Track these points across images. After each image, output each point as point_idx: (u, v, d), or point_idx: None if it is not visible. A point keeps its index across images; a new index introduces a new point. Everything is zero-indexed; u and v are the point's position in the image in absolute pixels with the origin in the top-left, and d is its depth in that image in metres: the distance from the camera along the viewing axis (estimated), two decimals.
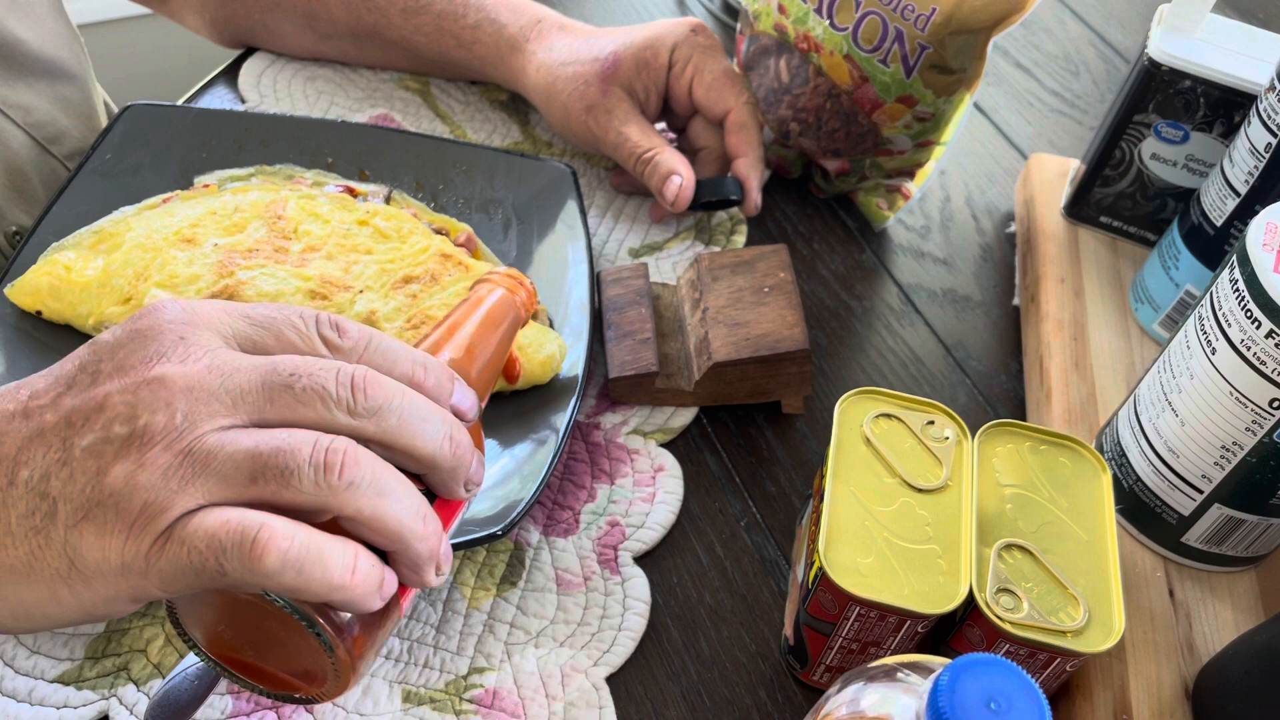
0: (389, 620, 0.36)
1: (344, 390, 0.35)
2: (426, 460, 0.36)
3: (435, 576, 0.36)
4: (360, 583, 0.33)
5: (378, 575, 0.34)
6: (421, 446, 0.36)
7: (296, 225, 0.58)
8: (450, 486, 0.38)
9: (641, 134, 0.65)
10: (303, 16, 0.72)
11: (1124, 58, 0.91)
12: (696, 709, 0.50)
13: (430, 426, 0.36)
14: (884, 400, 0.51)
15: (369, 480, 0.34)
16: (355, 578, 0.33)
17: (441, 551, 0.36)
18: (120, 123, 0.63)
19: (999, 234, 0.75)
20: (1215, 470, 0.49)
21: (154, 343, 0.34)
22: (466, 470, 0.38)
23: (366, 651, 0.35)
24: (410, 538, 0.35)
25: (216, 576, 0.32)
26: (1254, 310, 0.45)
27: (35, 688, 0.46)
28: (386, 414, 0.35)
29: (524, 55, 0.69)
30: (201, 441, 0.33)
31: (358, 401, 0.35)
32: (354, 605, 0.34)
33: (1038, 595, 0.45)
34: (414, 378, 0.37)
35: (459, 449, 0.37)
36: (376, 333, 0.38)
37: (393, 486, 0.35)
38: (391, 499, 0.35)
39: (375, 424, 0.35)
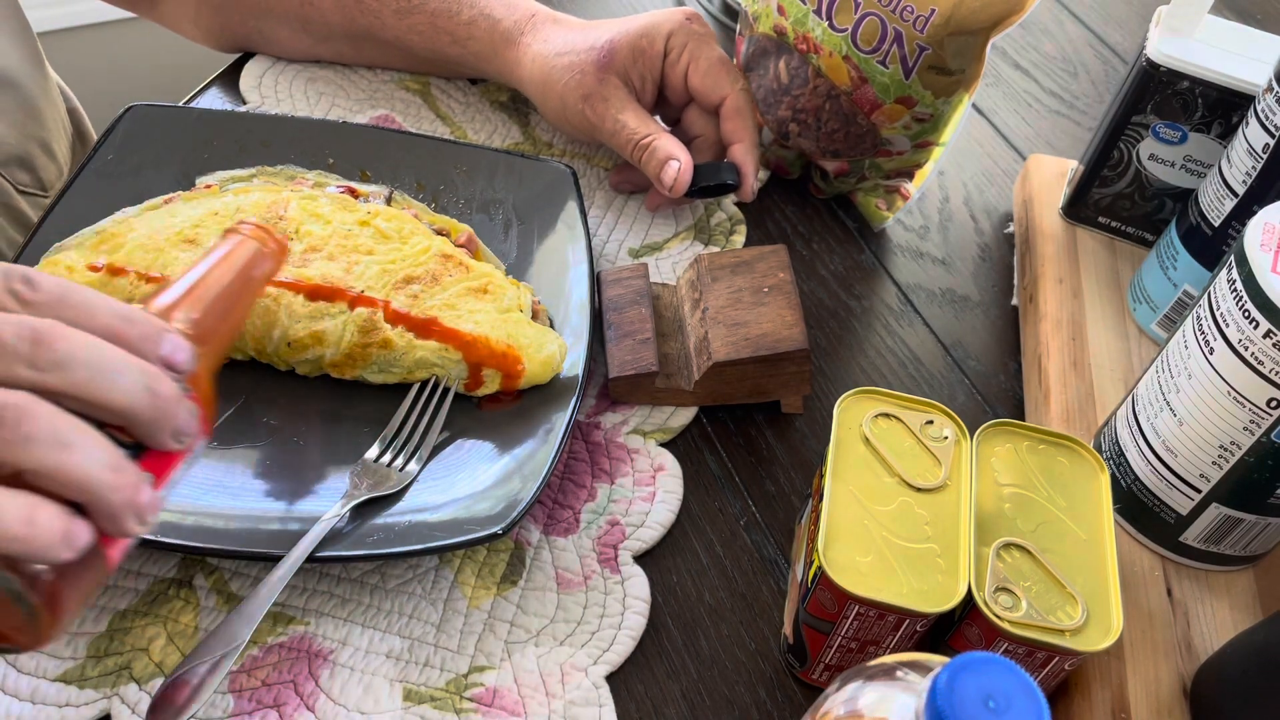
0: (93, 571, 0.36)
1: (23, 343, 0.34)
2: (122, 412, 0.36)
3: (138, 526, 0.36)
4: (40, 534, 0.33)
5: (60, 526, 0.34)
6: (116, 399, 0.36)
7: (298, 226, 0.58)
8: (156, 437, 0.37)
9: (639, 121, 0.66)
10: (297, 20, 0.72)
11: (1122, 59, 0.91)
12: (696, 707, 0.50)
13: (125, 379, 0.36)
14: (883, 400, 0.51)
15: (47, 434, 0.34)
16: (33, 529, 0.33)
17: (144, 501, 0.36)
18: (122, 124, 0.63)
19: (997, 234, 0.75)
20: (1213, 470, 0.49)
21: None
22: (172, 421, 0.37)
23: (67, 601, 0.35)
24: (99, 488, 0.35)
25: None
26: (1252, 310, 0.45)
27: (38, 687, 0.46)
28: (73, 366, 0.35)
29: (519, 48, 0.69)
30: None
31: (39, 354, 0.35)
32: (36, 556, 0.34)
33: (1036, 594, 0.45)
34: (113, 329, 0.37)
35: (159, 399, 0.37)
36: (74, 285, 0.37)
37: (75, 439, 0.34)
38: (74, 451, 0.34)
39: (60, 377, 0.35)
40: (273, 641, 0.49)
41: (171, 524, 0.49)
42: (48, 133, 0.73)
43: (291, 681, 0.48)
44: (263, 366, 0.57)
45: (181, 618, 0.49)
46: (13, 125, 0.68)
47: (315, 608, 0.50)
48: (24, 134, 0.69)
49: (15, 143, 0.68)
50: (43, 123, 0.72)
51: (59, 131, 0.75)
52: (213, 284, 0.43)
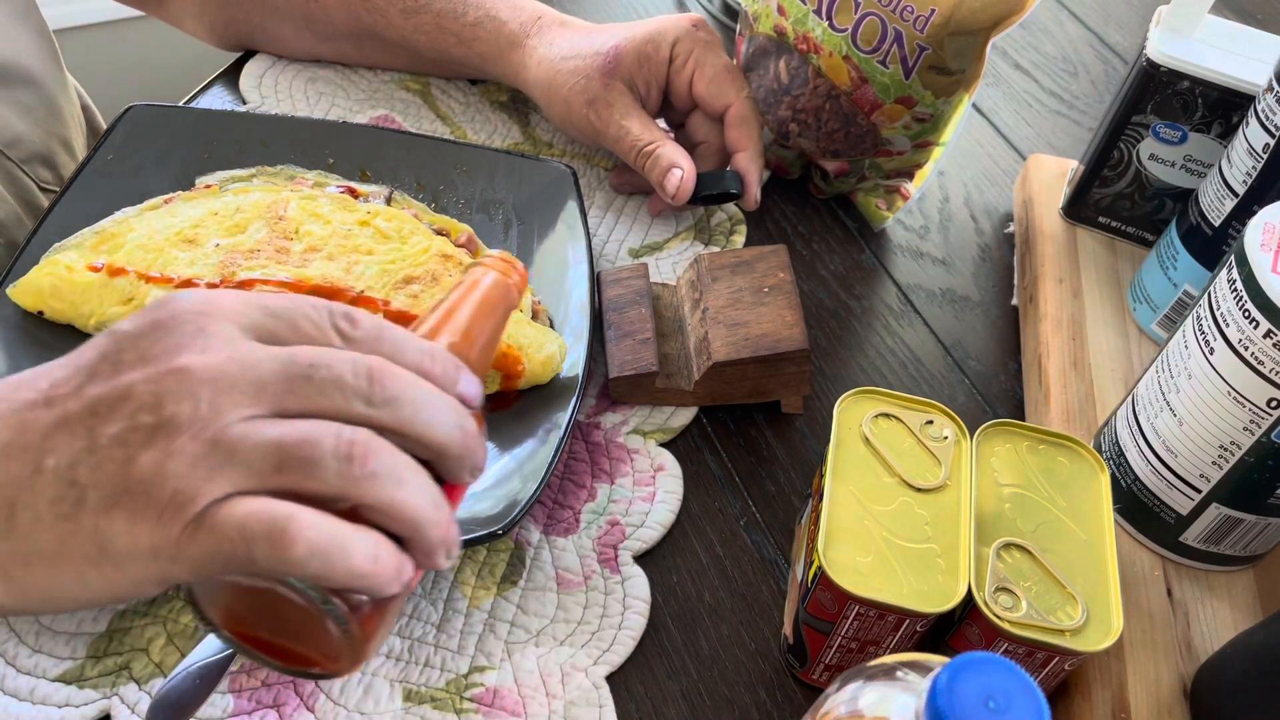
0: (399, 600, 0.37)
1: (361, 381, 0.36)
2: (438, 448, 0.37)
3: (446, 561, 0.37)
4: (381, 571, 0.34)
5: (397, 563, 0.35)
6: (434, 435, 0.37)
7: (298, 226, 0.58)
8: (458, 473, 0.38)
9: (643, 127, 0.66)
10: (301, 19, 0.72)
11: (1122, 59, 0.91)
12: (696, 707, 0.50)
13: (442, 415, 0.37)
14: (883, 400, 0.51)
15: (387, 470, 0.35)
16: (377, 566, 0.34)
17: (453, 537, 0.37)
18: (122, 124, 0.63)
19: (997, 234, 0.75)
20: (1213, 470, 0.49)
21: (174, 333, 0.35)
22: (474, 457, 0.39)
23: (379, 630, 0.37)
24: (425, 525, 0.36)
25: (246, 564, 0.33)
26: (1252, 310, 0.45)
27: (37, 686, 0.46)
28: (401, 404, 0.36)
29: (524, 51, 0.69)
30: (227, 431, 0.33)
31: (374, 392, 0.36)
32: (374, 591, 0.35)
33: (1036, 594, 0.45)
34: (422, 366, 0.38)
35: (468, 436, 0.38)
36: (386, 323, 0.39)
37: (409, 475, 0.36)
38: (408, 488, 0.35)
39: (390, 414, 0.36)
40: None
41: None
42: (67, 130, 0.73)
43: (291, 682, 0.48)
44: None
45: (181, 618, 0.49)
46: (36, 123, 0.68)
47: None
48: (47, 132, 0.69)
49: (39, 140, 0.68)
50: (63, 120, 0.72)
51: (76, 129, 0.75)
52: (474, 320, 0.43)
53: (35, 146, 0.67)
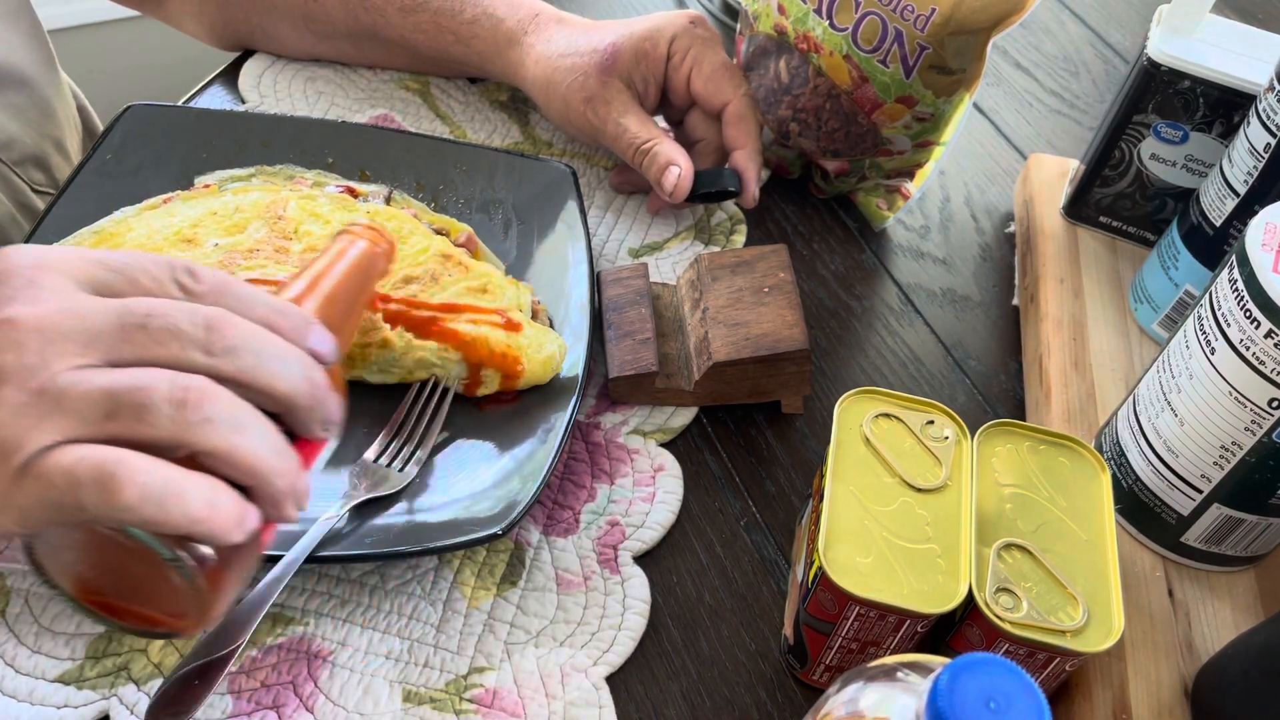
0: (250, 555, 0.37)
1: (198, 330, 0.36)
2: (284, 399, 0.37)
3: (294, 511, 0.37)
4: (220, 516, 0.34)
5: (238, 510, 0.35)
6: (279, 385, 0.37)
7: (297, 225, 0.58)
8: (308, 425, 0.38)
9: (640, 125, 0.66)
10: (300, 18, 0.72)
11: (1123, 58, 0.91)
12: (696, 708, 0.50)
13: (287, 366, 0.37)
14: (883, 400, 0.51)
15: (225, 416, 0.35)
16: (215, 511, 0.34)
17: (302, 488, 0.37)
18: (121, 123, 0.63)
19: (998, 234, 0.75)
20: (1214, 470, 0.49)
21: (4, 286, 0.35)
22: (324, 409, 0.39)
23: (227, 584, 0.36)
24: (268, 473, 0.36)
25: (75, 512, 0.33)
26: (1253, 310, 0.45)
27: (36, 687, 0.46)
28: (242, 353, 0.36)
29: (522, 48, 0.69)
30: (54, 380, 0.33)
31: (213, 340, 0.36)
32: (215, 538, 0.35)
33: (1037, 595, 0.45)
34: (269, 320, 0.38)
35: (316, 388, 0.38)
36: (231, 278, 0.39)
37: (249, 423, 0.36)
38: (248, 434, 0.35)
39: (231, 362, 0.36)
40: (272, 642, 0.49)
41: None
42: (61, 131, 0.73)
43: (291, 682, 0.48)
44: None
45: None
46: (28, 125, 0.68)
47: (314, 608, 0.50)
48: (40, 133, 0.69)
49: (31, 142, 0.68)
50: (56, 121, 0.72)
51: (71, 130, 0.75)
52: (335, 282, 0.44)
53: (28, 148, 0.67)
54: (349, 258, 0.46)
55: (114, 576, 0.37)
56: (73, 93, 0.79)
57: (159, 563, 0.35)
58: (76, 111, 0.78)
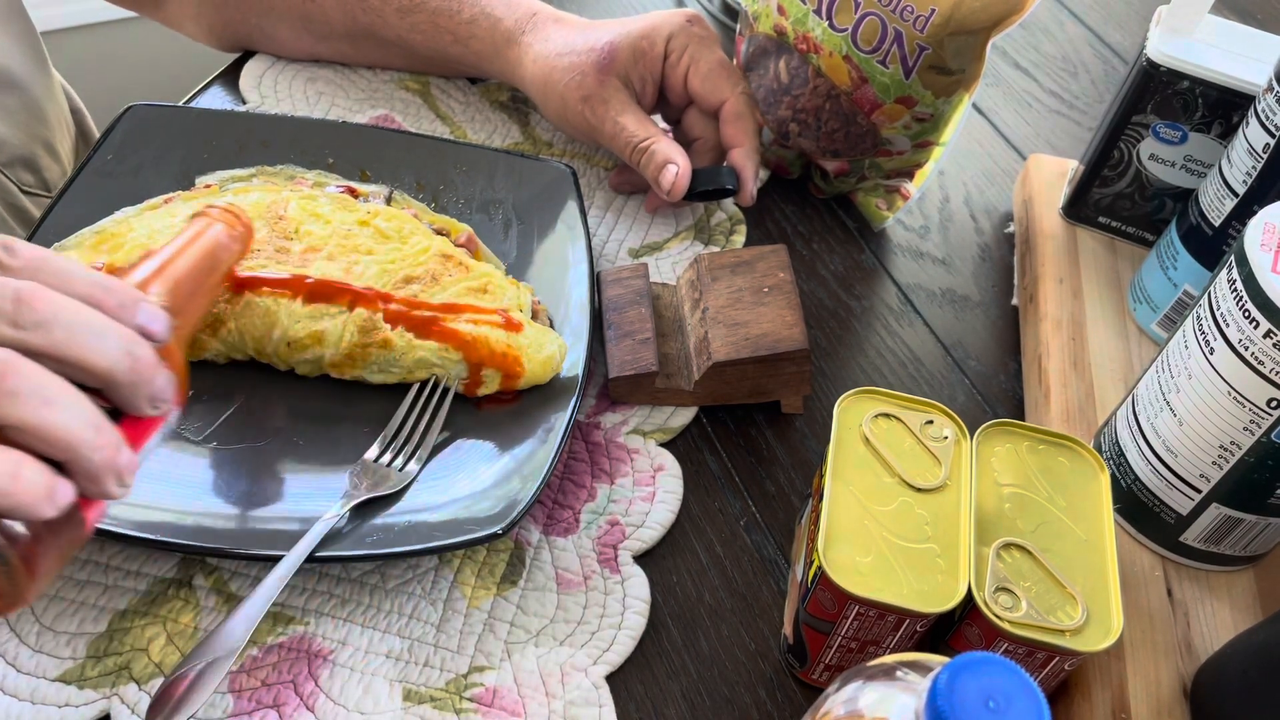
0: (72, 533, 0.37)
1: (5, 302, 0.35)
2: (102, 374, 0.37)
3: (117, 488, 0.37)
4: (24, 490, 0.34)
5: (45, 483, 0.34)
6: (94, 360, 0.36)
7: (298, 226, 0.58)
8: (133, 402, 0.38)
9: (638, 124, 0.66)
10: (298, 19, 0.72)
11: (1122, 58, 0.91)
12: (696, 707, 0.50)
13: (103, 340, 0.37)
14: (883, 400, 0.51)
15: (32, 389, 0.34)
16: (17, 484, 0.34)
17: (123, 463, 0.37)
18: (121, 123, 0.63)
19: (997, 234, 0.75)
20: (1213, 470, 0.49)
21: None
22: (149, 386, 0.38)
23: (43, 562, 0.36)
24: (81, 446, 0.35)
25: None
26: (1252, 310, 0.45)
27: (37, 687, 0.46)
28: (53, 327, 0.36)
29: (520, 48, 0.69)
30: None
31: (21, 314, 0.35)
32: (20, 512, 0.34)
33: (1036, 594, 0.45)
34: (92, 296, 0.38)
35: (139, 363, 0.37)
36: (52, 254, 0.38)
37: (59, 396, 0.35)
38: (58, 408, 0.35)
39: (41, 336, 0.35)
40: (272, 641, 0.49)
41: (171, 524, 0.49)
42: (51, 133, 0.73)
43: (291, 682, 0.48)
44: (263, 366, 0.57)
45: (181, 618, 0.49)
46: (17, 126, 0.68)
47: (315, 608, 0.50)
48: (28, 135, 0.69)
49: (20, 143, 0.68)
50: (47, 123, 0.72)
51: (62, 131, 0.75)
52: (183, 262, 0.44)
53: (17, 150, 0.67)
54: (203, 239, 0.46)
55: None
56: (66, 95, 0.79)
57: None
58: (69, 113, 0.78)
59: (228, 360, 0.56)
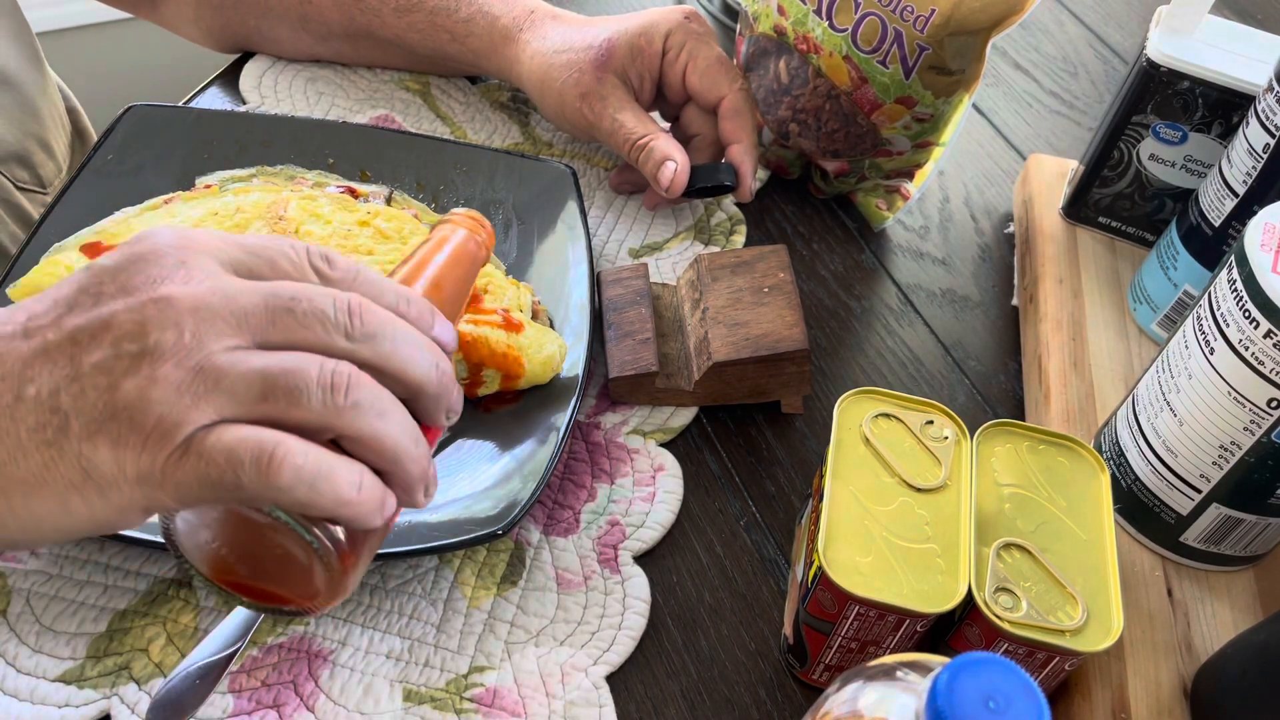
0: (378, 537, 0.38)
1: (342, 315, 0.36)
2: (416, 385, 0.38)
3: (424, 499, 0.38)
4: (365, 499, 0.35)
5: (380, 494, 0.36)
6: (412, 372, 0.38)
7: (298, 226, 0.58)
8: (434, 413, 0.39)
9: (636, 120, 0.66)
10: (296, 20, 0.72)
11: (1122, 59, 0.91)
12: (696, 707, 0.50)
13: (420, 353, 0.38)
14: (883, 400, 0.51)
15: (370, 402, 0.36)
16: (361, 494, 0.35)
17: (432, 474, 0.38)
18: (122, 124, 0.63)
19: (997, 234, 0.75)
20: (1213, 470, 0.49)
21: (155, 265, 0.35)
22: (449, 397, 0.39)
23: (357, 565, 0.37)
24: (405, 458, 0.37)
25: (233, 490, 0.34)
26: (1252, 310, 0.45)
27: (37, 687, 0.46)
28: (381, 340, 0.37)
29: (517, 45, 0.69)
30: (212, 360, 0.34)
31: (355, 326, 0.36)
32: (357, 521, 0.36)
33: (1036, 594, 0.45)
34: (399, 308, 0.39)
35: (444, 376, 0.39)
36: (363, 265, 0.39)
37: (390, 408, 0.36)
38: (389, 420, 0.36)
39: (370, 348, 0.37)
40: (273, 642, 0.49)
41: None
42: (46, 130, 0.73)
43: (291, 682, 0.48)
44: None
45: (181, 618, 0.49)
46: (11, 122, 0.68)
47: None
48: (23, 131, 0.69)
49: (14, 140, 0.68)
50: (41, 120, 0.72)
51: (58, 130, 0.75)
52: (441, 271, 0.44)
53: (10, 146, 0.67)
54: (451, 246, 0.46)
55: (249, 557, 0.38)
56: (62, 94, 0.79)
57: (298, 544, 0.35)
58: (65, 112, 0.78)
59: None
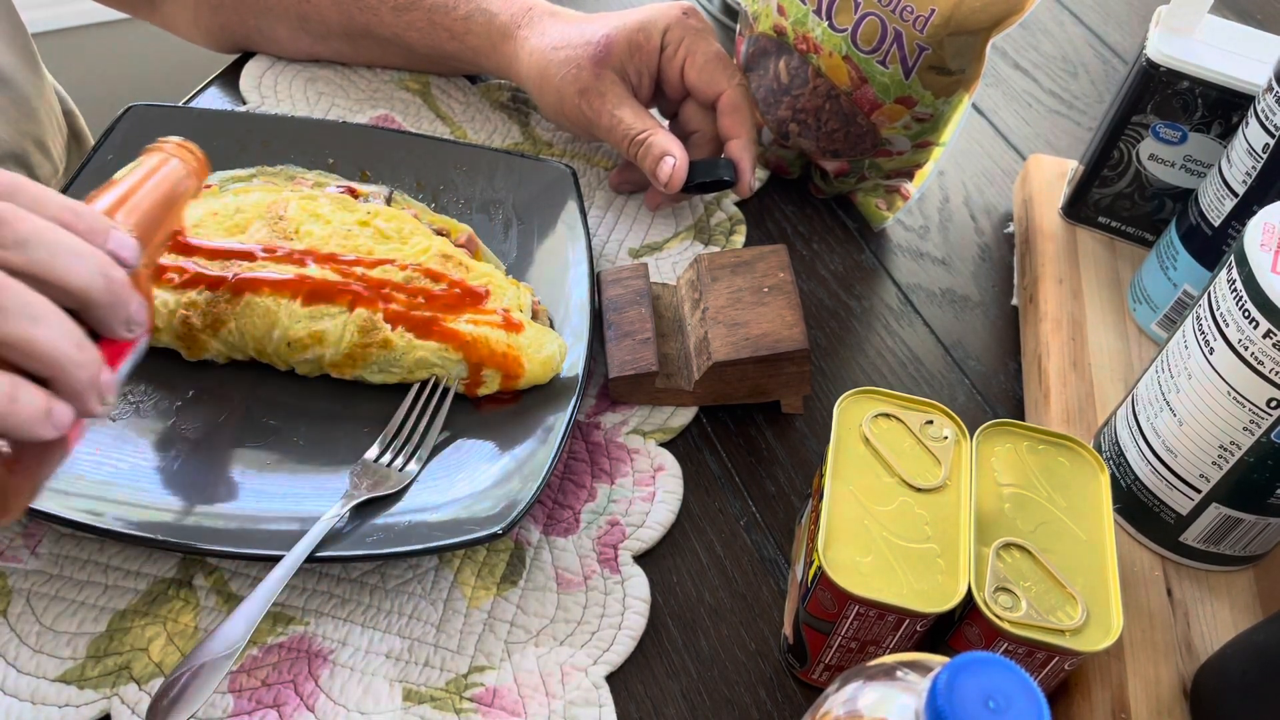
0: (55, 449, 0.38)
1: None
2: (79, 293, 0.37)
3: (99, 405, 0.37)
4: (23, 410, 0.35)
5: (43, 405, 0.35)
6: (73, 279, 0.37)
7: (298, 226, 0.58)
8: (109, 323, 0.39)
9: (635, 116, 0.66)
10: (295, 19, 0.72)
11: (1122, 59, 0.91)
12: (696, 707, 0.50)
13: (81, 261, 0.37)
14: (883, 400, 0.51)
15: (17, 306, 0.35)
16: (16, 406, 0.34)
17: (104, 380, 0.38)
18: (122, 124, 0.63)
19: (997, 234, 0.75)
20: (1213, 470, 0.49)
21: None
22: (125, 308, 0.39)
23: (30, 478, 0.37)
24: (67, 364, 0.36)
25: None
26: (1251, 310, 0.45)
27: (38, 687, 0.46)
28: (33, 246, 0.36)
29: (516, 42, 0.69)
30: None
31: (3, 234, 0.36)
32: (20, 433, 0.35)
33: (1036, 594, 0.45)
34: (64, 219, 0.38)
35: (114, 284, 0.38)
36: (22, 178, 0.39)
37: (44, 313, 0.36)
38: (43, 325, 0.36)
39: (22, 255, 0.36)
40: (273, 641, 0.49)
41: (171, 524, 0.49)
42: (43, 132, 0.73)
43: (291, 681, 0.48)
44: (263, 366, 0.57)
45: (181, 618, 0.49)
46: (8, 123, 0.68)
47: (315, 608, 0.50)
48: (19, 132, 0.69)
49: (10, 140, 0.68)
50: (38, 121, 0.72)
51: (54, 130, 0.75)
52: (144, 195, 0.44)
53: (8, 146, 0.67)
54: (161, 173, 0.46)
55: None
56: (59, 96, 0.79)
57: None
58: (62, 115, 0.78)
59: (228, 360, 0.56)
